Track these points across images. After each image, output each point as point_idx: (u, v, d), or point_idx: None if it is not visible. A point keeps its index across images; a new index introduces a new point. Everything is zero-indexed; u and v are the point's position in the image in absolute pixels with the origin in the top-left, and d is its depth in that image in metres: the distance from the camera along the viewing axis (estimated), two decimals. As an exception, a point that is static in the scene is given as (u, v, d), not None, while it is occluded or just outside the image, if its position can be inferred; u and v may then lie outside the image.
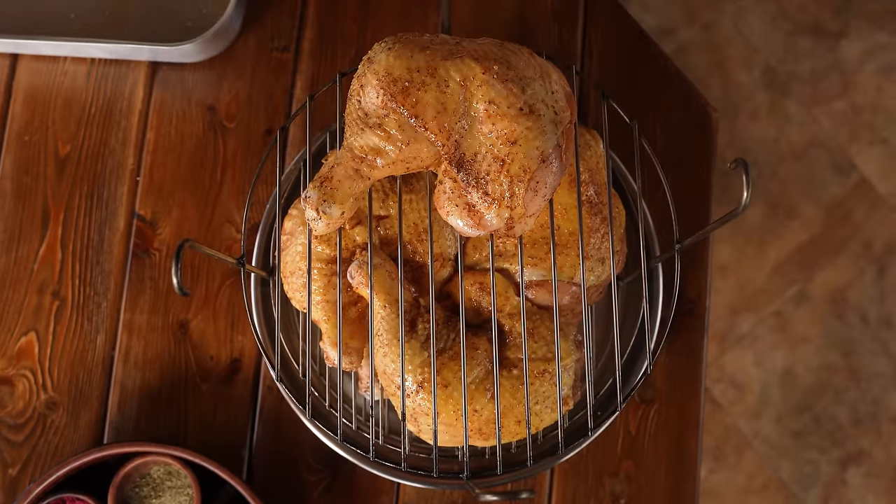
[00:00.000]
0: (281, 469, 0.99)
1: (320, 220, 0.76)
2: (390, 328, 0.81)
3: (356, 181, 0.76)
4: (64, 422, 1.00)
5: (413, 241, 0.86)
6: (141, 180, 1.05)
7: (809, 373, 1.84)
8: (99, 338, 1.01)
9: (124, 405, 1.00)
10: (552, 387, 0.82)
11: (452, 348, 0.83)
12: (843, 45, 1.95)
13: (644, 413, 1.01)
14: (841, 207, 1.89)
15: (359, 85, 0.76)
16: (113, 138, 1.05)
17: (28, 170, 1.05)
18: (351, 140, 0.76)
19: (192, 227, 1.04)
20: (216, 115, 1.06)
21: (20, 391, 1.00)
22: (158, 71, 1.07)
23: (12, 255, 1.03)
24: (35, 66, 1.07)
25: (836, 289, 1.87)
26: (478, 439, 0.83)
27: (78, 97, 1.06)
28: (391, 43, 0.76)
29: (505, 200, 0.74)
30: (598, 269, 0.87)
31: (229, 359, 1.01)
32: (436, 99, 0.74)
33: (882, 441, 1.82)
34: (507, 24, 1.08)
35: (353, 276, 0.83)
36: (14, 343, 1.01)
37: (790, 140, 1.91)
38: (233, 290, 1.02)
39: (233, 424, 1.00)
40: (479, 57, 0.74)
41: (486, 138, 0.74)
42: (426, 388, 0.81)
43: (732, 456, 1.82)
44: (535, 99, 0.74)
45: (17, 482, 0.99)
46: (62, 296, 1.02)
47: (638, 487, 1.00)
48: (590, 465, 1.00)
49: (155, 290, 1.02)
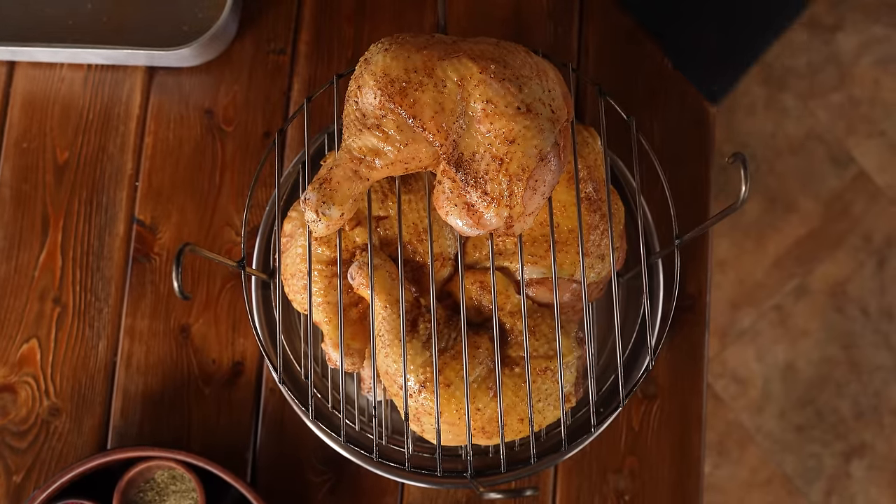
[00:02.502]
0: (285, 471, 0.99)
1: (320, 222, 0.76)
2: (391, 328, 0.81)
3: (355, 182, 0.76)
4: (67, 428, 1.00)
5: (413, 241, 0.86)
6: (140, 185, 1.05)
7: (811, 366, 1.85)
8: (101, 343, 1.01)
9: (127, 410, 1.00)
10: (554, 384, 0.83)
11: (454, 347, 0.83)
12: (839, 38, 1.95)
13: (647, 409, 1.01)
14: (839, 200, 1.90)
15: (356, 86, 0.76)
16: (111, 144, 1.05)
17: (27, 177, 1.05)
18: (349, 141, 0.76)
19: (192, 230, 1.04)
20: (214, 118, 1.06)
21: (23, 398, 1.00)
22: (155, 76, 1.07)
23: (13, 263, 1.03)
24: (32, 73, 1.07)
25: (835, 282, 1.87)
26: (481, 438, 0.83)
27: (75, 103, 1.06)
28: (388, 44, 0.76)
29: (504, 199, 0.74)
30: (598, 265, 0.87)
31: (231, 362, 1.01)
32: (433, 99, 0.74)
33: (884, 433, 1.82)
34: (504, 23, 1.08)
35: (354, 277, 0.83)
36: (16, 350, 1.01)
37: (787, 134, 1.92)
38: (234, 293, 1.02)
39: (236, 427, 1.00)
40: (475, 56, 0.74)
41: (485, 138, 0.74)
42: (428, 387, 0.81)
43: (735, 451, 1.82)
44: (532, 97, 0.74)
45: (22, 489, 0.99)
46: (63, 302, 1.02)
47: (642, 483, 1.00)
48: (593, 462, 1.00)
49: (156, 294, 1.02)
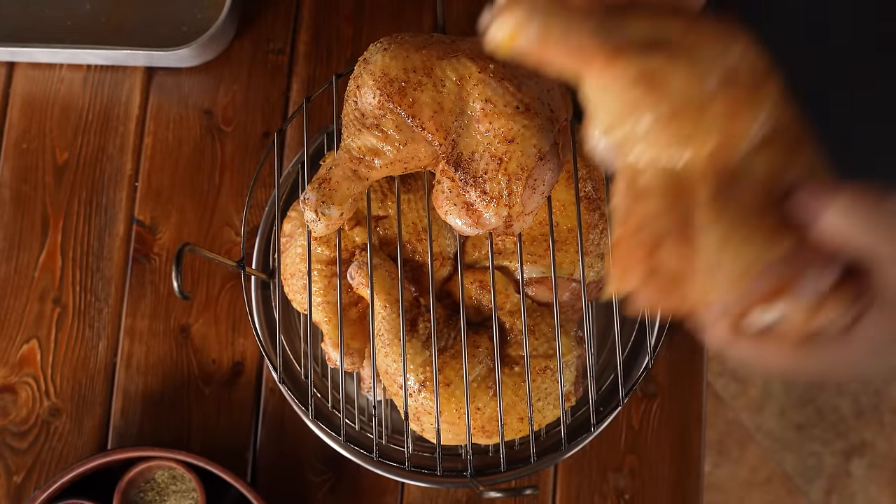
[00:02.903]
0: (285, 471, 0.99)
1: (319, 222, 0.76)
2: (391, 328, 0.82)
3: (354, 182, 0.76)
4: (67, 428, 1.00)
5: (412, 240, 0.86)
6: (139, 186, 1.05)
7: (811, 365, 1.85)
8: (101, 344, 1.02)
9: (127, 410, 1.00)
10: (554, 383, 0.83)
11: (454, 347, 0.83)
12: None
13: (647, 408, 1.01)
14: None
15: (355, 86, 0.76)
16: (111, 144, 1.05)
17: (26, 178, 1.05)
18: (348, 141, 0.76)
19: (192, 231, 1.04)
20: (213, 118, 1.06)
21: (23, 399, 1.00)
22: (154, 76, 1.07)
23: (12, 263, 1.03)
24: (31, 74, 1.07)
25: (835, 280, 1.87)
26: (481, 437, 0.83)
27: (75, 104, 1.06)
28: (387, 43, 0.76)
29: (503, 199, 0.74)
30: (597, 264, 0.87)
31: (231, 362, 1.01)
32: (432, 98, 0.74)
33: (885, 432, 1.82)
34: (502, 22, 1.08)
35: (353, 276, 0.83)
36: (16, 351, 1.01)
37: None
38: (233, 293, 1.02)
39: (236, 427, 1.00)
40: (474, 56, 0.75)
41: (484, 137, 0.74)
42: (428, 387, 0.81)
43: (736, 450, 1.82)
44: (531, 97, 0.74)
45: (22, 489, 0.99)
46: (63, 303, 1.02)
47: (642, 482, 1.00)
48: (593, 461, 1.00)
49: (156, 294, 1.02)
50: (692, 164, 0.50)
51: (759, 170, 0.50)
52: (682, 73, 0.49)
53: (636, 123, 0.50)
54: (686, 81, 0.49)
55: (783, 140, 0.50)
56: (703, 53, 0.50)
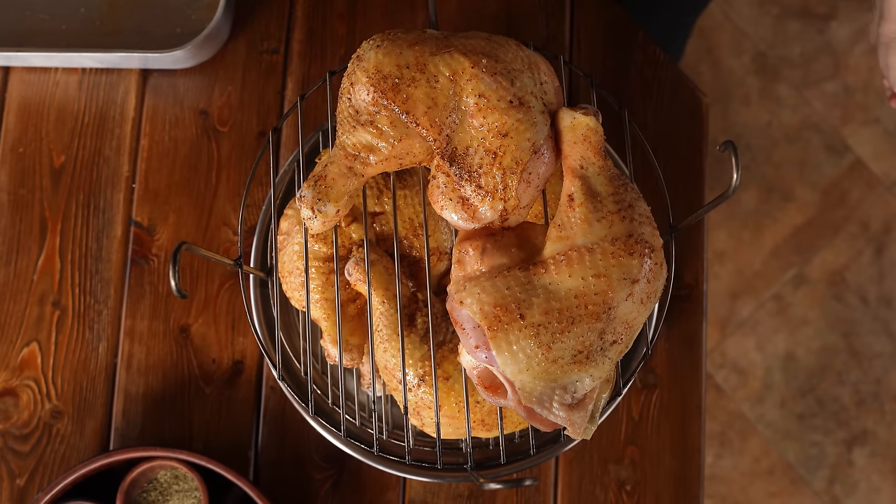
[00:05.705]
0: (287, 468, 1.00)
1: (316, 219, 0.76)
2: (389, 323, 0.82)
3: (350, 179, 0.76)
4: (69, 430, 1.00)
5: (409, 236, 0.87)
6: (136, 187, 1.05)
7: (811, 355, 1.85)
8: (101, 345, 1.02)
9: (129, 411, 1.01)
10: (553, 375, 0.83)
11: (452, 341, 0.83)
12: (833, 26, 1.95)
13: (647, 398, 1.01)
14: (836, 189, 1.90)
15: (349, 83, 0.76)
16: (107, 147, 1.06)
17: (24, 182, 1.05)
18: (343, 138, 0.77)
19: (190, 231, 1.04)
20: (209, 119, 1.06)
21: (25, 402, 1.01)
22: (150, 78, 1.07)
23: (12, 267, 1.03)
24: (27, 78, 1.07)
25: (834, 270, 1.87)
26: (481, 430, 0.84)
27: (71, 107, 1.06)
28: (380, 40, 0.76)
29: (498, 192, 0.74)
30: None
31: (231, 361, 1.02)
32: (426, 94, 0.74)
33: (886, 420, 1.82)
34: (495, 17, 1.09)
35: (351, 272, 0.83)
36: (17, 354, 1.02)
37: (783, 123, 1.92)
38: (232, 292, 1.03)
39: (237, 426, 1.00)
40: (467, 51, 0.75)
41: (478, 132, 0.74)
42: (427, 381, 0.81)
43: (738, 441, 1.82)
44: (524, 91, 0.74)
45: (26, 492, 0.99)
46: (63, 305, 1.02)
47: (643, 473, 1.00)
48: (594, 452, 1.01)
49: (155, 295, 1.03)
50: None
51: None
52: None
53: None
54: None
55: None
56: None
